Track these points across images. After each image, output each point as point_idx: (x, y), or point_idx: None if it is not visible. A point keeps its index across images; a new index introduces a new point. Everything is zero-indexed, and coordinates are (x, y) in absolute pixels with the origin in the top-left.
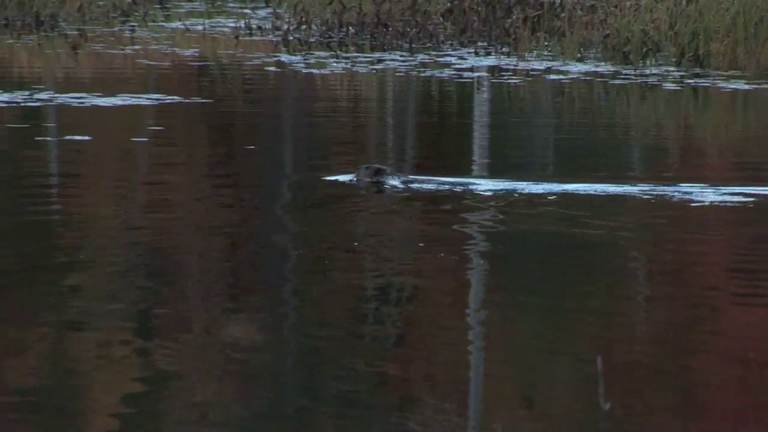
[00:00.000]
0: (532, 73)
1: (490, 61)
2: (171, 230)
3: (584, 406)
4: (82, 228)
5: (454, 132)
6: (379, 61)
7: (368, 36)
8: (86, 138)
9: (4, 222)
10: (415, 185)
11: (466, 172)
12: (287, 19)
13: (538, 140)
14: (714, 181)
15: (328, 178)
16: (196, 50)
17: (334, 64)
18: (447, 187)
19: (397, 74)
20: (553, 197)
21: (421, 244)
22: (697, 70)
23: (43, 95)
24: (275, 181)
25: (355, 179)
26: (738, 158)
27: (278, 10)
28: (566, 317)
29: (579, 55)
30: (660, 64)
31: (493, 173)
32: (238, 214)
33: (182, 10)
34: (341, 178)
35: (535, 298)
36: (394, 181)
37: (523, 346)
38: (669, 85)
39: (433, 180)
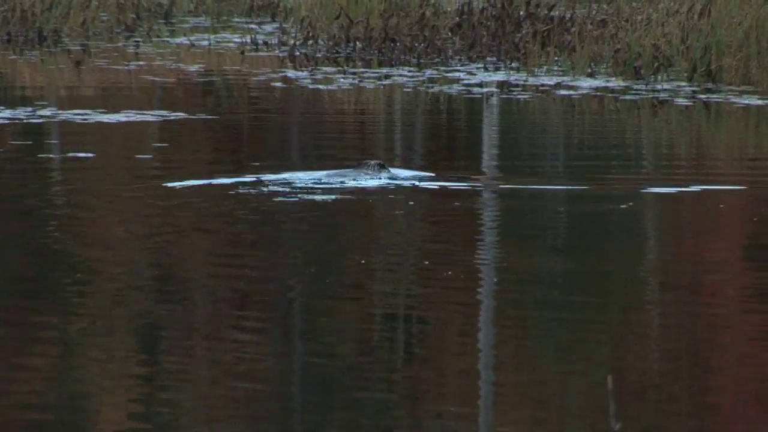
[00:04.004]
0: (541, 88)
1: (500, 76)
2: (176, 248)
3: (596, 426)
4: (85, 246)
5: (461, 144)
6: (387, 76)
7: (376, 51)
8: (90, 155)
9: (6, 240)
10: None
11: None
12: (293, 34)
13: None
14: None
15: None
16: (202, 66)
17: (341, 80)
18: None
19: (404, 90)
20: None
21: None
22: (709, 85)
23: (46, 112)
24: (279, 197)
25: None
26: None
27: (284, 25)
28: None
29: (589, 70)
30: (671, 79)
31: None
32: (243, 231)
33: (187, 26)
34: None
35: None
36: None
37: (534, 360)
38: (680, 100)
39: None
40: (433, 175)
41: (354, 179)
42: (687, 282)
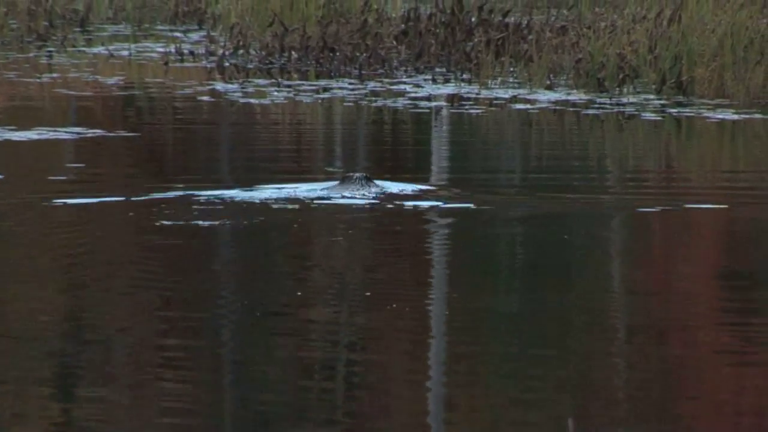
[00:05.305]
0: (495, 102)
1: (449, 89)
2: (93, 277)
3: None
4: None
5: (407, 162)
6: (326, 89)
7: (313, 62)
8: None
9: None
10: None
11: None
12: (222, 43)
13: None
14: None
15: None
16: (121, 78)
17: (275, 93)
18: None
19: (345, 104)
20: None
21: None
22: (680, 99)
23: None
24: (204, 223)
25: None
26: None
27: (212, 33)
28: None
29: (548, 82)
30: (638, 92)
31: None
32: (166, 256)
33: (105, 34)
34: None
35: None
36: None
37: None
38: (648, 115)
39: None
40: (423, 188)
41: (338, 195)
42: (656, 321)
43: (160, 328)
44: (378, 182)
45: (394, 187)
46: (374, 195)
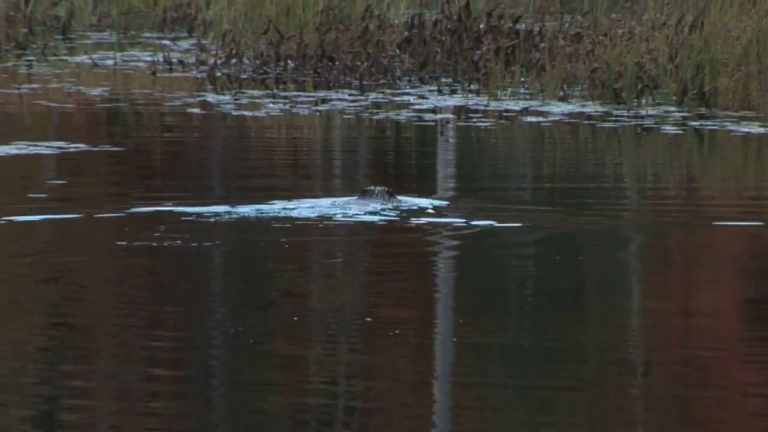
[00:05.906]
0: (505, 114)
1: (456, 100)
2: (76, 304)
3: None
4: None
5: (411, 179)
6: (324, 100)
7: (310, 71)
8: None
9: None
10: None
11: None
12: (214, 52)
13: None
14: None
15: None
16: (106, 89)
17: (270, 105)
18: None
19: (345, 116)
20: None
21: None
22: (702, 110)
23: None
24: (199, 244)
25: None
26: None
27: (203, 41)
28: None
29: (561, 93)
30: (658, 104)
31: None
32: (154, 281)
33: (89, 42)
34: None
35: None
36: None
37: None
38: (669, 128)
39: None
40: (445, 204)
41: (359, 209)
42: (675, 353)
43: (147, 360)
44: (400, 197)
45: (416, 202)
46: (395, 210)
